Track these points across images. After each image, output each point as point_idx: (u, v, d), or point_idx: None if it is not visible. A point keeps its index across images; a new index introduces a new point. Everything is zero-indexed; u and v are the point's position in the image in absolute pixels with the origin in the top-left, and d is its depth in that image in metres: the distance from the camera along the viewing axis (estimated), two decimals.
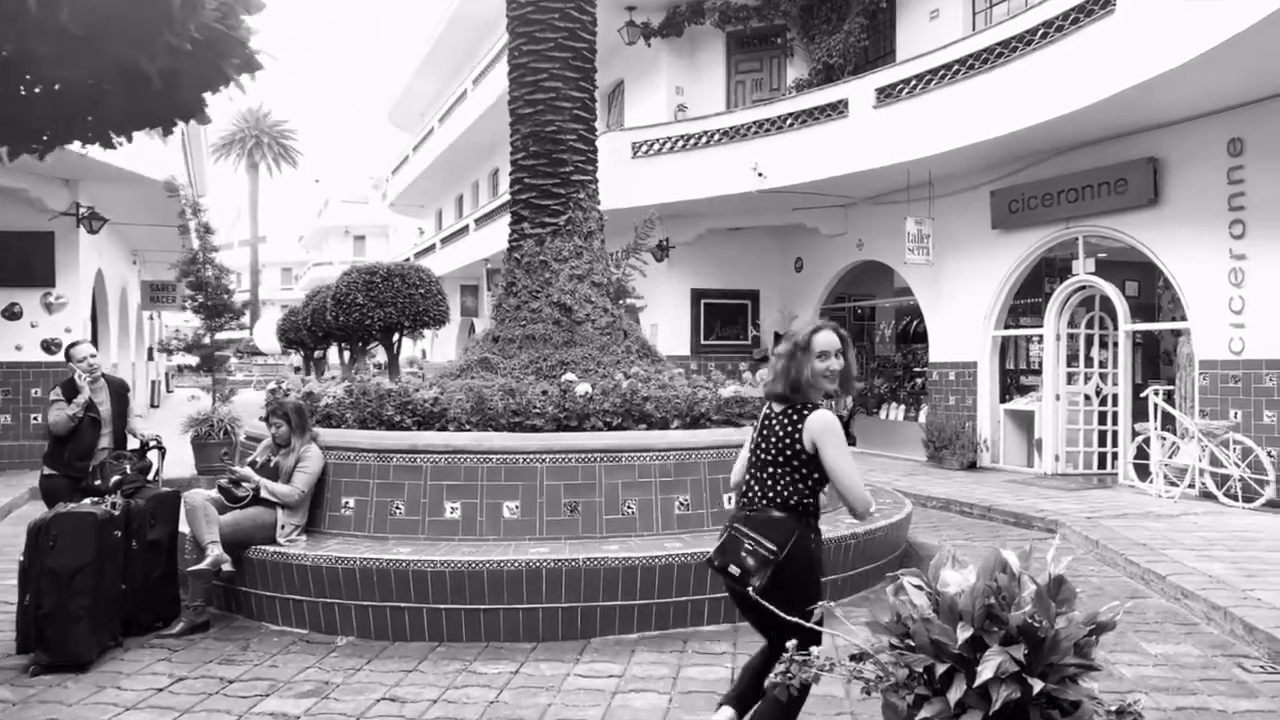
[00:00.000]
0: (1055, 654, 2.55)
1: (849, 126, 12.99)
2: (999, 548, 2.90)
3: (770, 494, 3.35)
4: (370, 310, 14.34)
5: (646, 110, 17.26)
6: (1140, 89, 9.08)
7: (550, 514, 6.03)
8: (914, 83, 12.10)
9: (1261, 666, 5.01)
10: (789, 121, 13.81)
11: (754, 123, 14.21)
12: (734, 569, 3.26)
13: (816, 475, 3.33)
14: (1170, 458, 10.09)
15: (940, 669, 2.56)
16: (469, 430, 6.26)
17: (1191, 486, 9.82)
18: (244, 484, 6.06)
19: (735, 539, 3.31)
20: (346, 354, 21.70)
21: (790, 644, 2.89)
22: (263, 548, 5.86)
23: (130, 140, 4.51)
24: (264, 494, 6.00)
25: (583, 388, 6.40)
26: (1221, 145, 9.70)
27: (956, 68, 11.45)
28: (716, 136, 14.63)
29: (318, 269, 53.44)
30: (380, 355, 16.69)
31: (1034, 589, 2.74)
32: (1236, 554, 7.14)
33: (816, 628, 2.99)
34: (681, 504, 6.23)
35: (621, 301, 9.68)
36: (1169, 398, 10.80)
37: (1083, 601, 2.94)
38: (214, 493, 6.03)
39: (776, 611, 3.04)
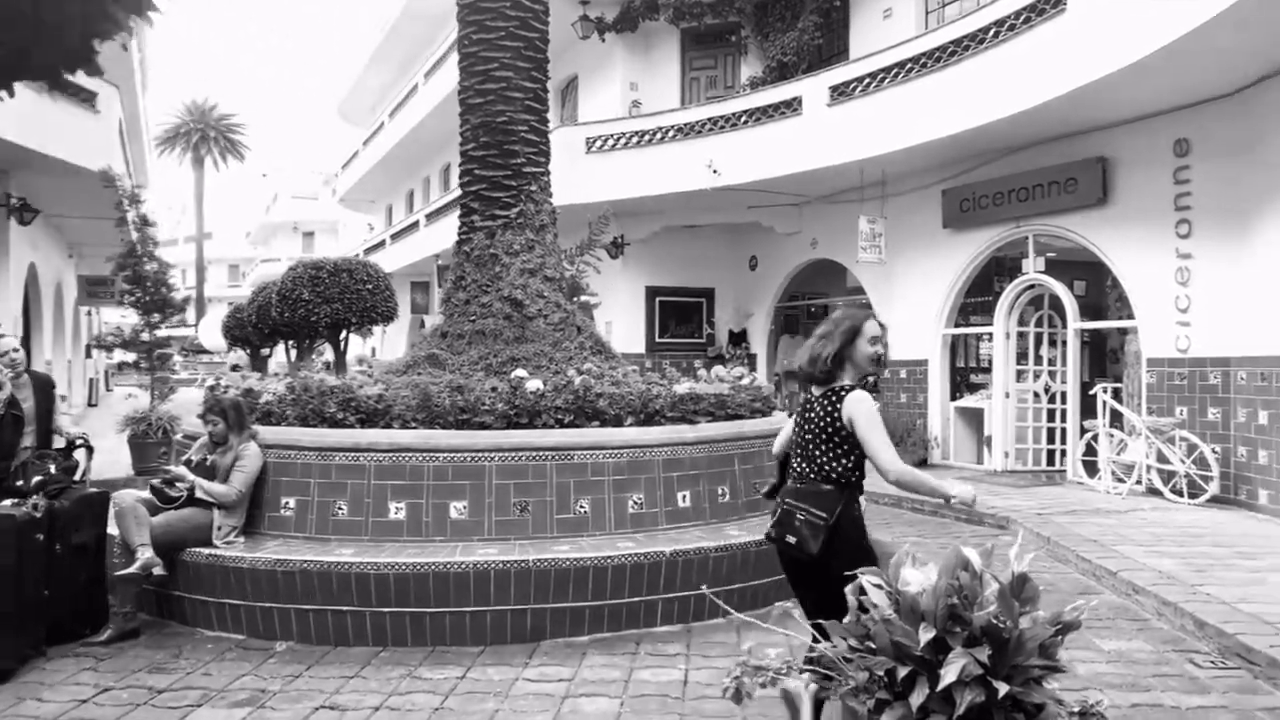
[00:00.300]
0: (1020, 655, 2.46)
1: (803, 124, 12.96)
2: (960, 546, 2.81)
3: (815, 469, 3.60)
4: (316, 306, 14.05)
5: (600, 106, 17.11)
6: (1090, 88, 9.14)
7: (499, 514, 5.86)
8: (867, 81, 12.10)
9: (1212, 662, 5.01)
10: (743, 119, 13.76)
11: (708, 119, 14.14)
12: (790, 538, 3.56)
13: (858, 451, 3.56)
14: (1118, 454, 10.20)
15: (902, 672, 2.46)
16: (415, 428, 6.06)
17: (1139, 483, 9.93)
18: (178, 484, 5.81)
19: (789, 511, 3.60)
20: (294, 352, 21.24)
21: (745, 646, 2.82)
22: (197, 550, 5.62)
23: (11, 94, 4.12)
24: (199, 494, 5.76)
25: (533, 384, 6.24)
26: (1168, 146, 9.81)
27: (910, 66, 11.47)
28: (671, 133, 14.53)
29: (265, 265, 52.39)
30: (329, 353, 16.34)
31: (996, 588, 2.65)
32: (1185, 549, 7.20)
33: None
34: (635, 503, 6.09)
35: (575, 298, 9.55)
36: (1116, 395, 10.92)
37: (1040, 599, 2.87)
38: (146, 493, 5.77)
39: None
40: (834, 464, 3.55)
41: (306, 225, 56.88)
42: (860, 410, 3.51)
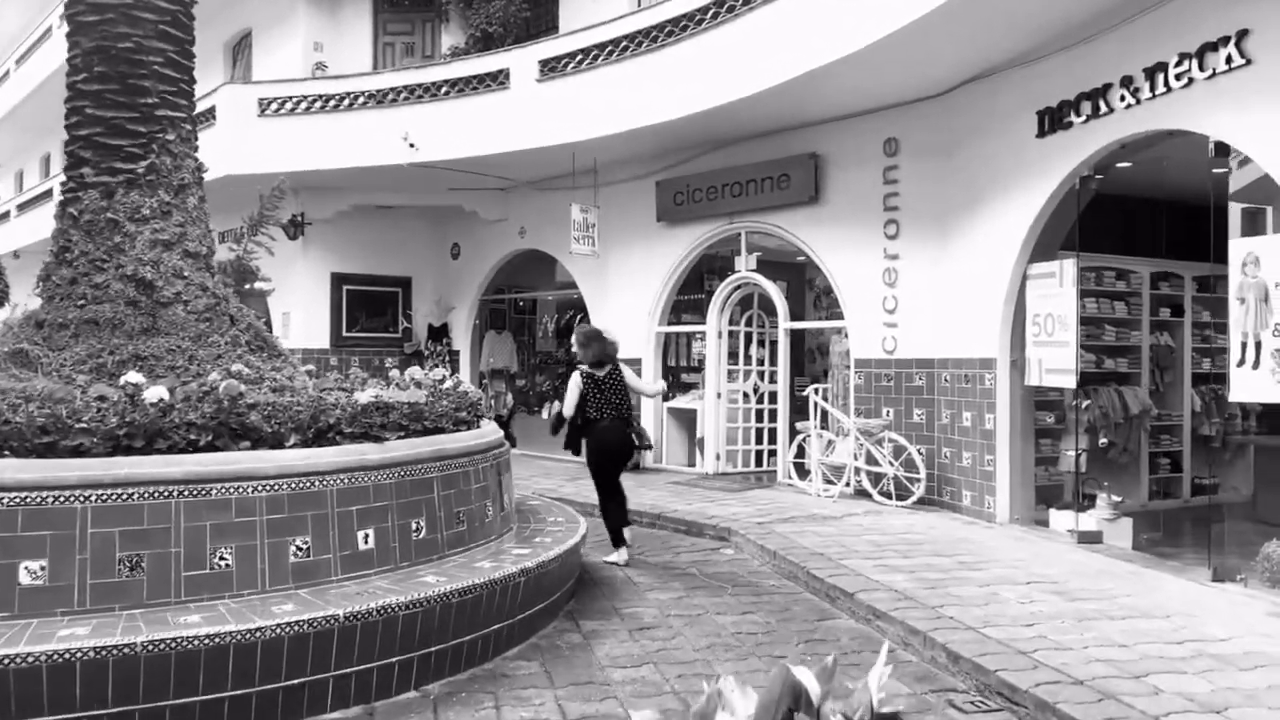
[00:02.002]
0: None
1: (511, 100, 11.85)
2: (788, 665, 1.81)
3: (625, 409, 7.36)
4: None
5: (278, 65, 14.96)
6: (805, 80, 8.80)
7: (97, 575, 4.20)
8: (580, 58, 11.23)
9: (973, 703, 4.50)
10: (445, 90, 12.39)
11: (405, 87, 12.61)
12: (649, 439, 8.01)
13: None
14: (827, 456, 10.06)
15: None
16: None
17: (848, 485, 9.82)
18: None
19: (635, 428, 7.58)
20: None
21: None
22: None
23: None
24: None
25: (155, 392, 4.61)
26: (879, 144, 9.75)
27: (625, 44, 10.73)
28: (362, 100, 12.82)
29: None
30: None
31: None
32: (910, 560, 6.90)
33: None
34: (299, 549, 4.66)
35: (247, 285, 7.89)
36: (823, 396, 10.84)
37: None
38: None
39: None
40: (627, 404, 7.38)
41: None
42: (629, 372, 7.55)
